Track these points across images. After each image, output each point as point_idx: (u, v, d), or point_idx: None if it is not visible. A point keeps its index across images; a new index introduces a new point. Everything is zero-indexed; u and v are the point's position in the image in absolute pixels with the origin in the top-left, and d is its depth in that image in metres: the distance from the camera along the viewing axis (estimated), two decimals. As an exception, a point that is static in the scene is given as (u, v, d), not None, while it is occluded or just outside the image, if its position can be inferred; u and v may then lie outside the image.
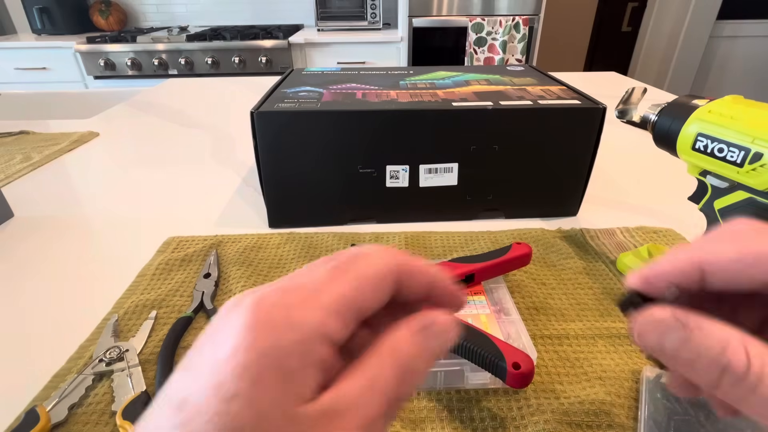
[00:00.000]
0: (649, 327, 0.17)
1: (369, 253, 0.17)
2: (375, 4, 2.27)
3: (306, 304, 0.14)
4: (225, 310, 0.15)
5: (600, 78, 1.33)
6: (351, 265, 0.16)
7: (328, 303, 0.15)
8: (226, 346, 0.13)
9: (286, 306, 0.14)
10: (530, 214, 0.60)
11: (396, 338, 0.16)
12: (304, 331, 0.14)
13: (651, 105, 0.41)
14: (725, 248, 0.18)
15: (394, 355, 0.16)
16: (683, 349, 0.16)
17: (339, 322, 0.15)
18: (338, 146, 0.53)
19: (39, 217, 0.61)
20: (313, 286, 0.15)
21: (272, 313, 0.14)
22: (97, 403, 0.34)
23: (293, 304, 0.14)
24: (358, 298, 0.16)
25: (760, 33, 2.84)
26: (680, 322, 0.16)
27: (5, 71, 2.18)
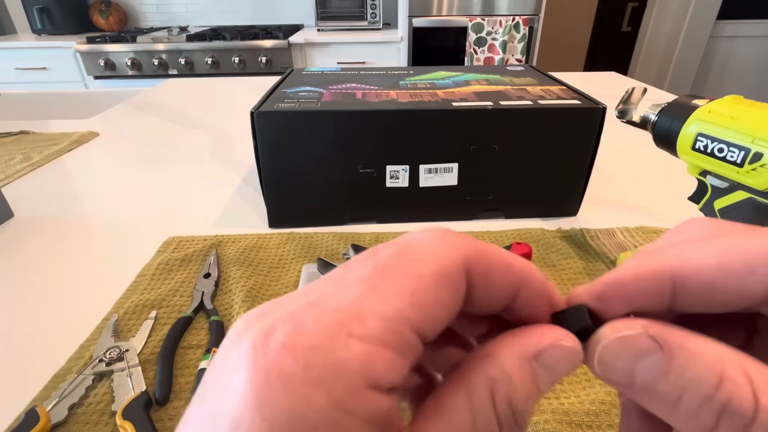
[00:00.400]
0: (615, 351, 0.12)
1: (422, 241, 0.12)
2: (375, 4, 2.27)
3: (336, 338, 0.10)
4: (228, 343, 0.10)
5: (600, 78, 1.33)
6: (399, 262, 0.11)
7: (371, 330, 0.10)
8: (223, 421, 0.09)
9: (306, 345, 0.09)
10: (530, 214, 0.60)
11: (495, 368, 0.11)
12: (339, 384, 0.09)
13: (651, 105, 0.41)
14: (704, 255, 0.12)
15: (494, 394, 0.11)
16: (662, 381, 0.11)
17: (392, 357, 0.10)
18: (338, 146, 0.53)
19: (39, 217, 0.61)
20: (345, 303, 0.10)
21: (283, 359, 0.09)
22: (97, 403, 0.34)
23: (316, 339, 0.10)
24: (417, 314, 0.11)
25: (760, 33, 2.84)
26: (656, 341, 0.11)
27: (5, 71, 2.18)
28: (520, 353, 0.12)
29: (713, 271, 0.12)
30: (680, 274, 0.12)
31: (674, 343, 0.11)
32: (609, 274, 0.13)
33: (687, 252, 0.12)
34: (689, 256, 0.12)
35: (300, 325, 0.10)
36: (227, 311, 0.43)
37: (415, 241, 0.12)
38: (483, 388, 0.11)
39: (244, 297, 0.44)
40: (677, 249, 0.13)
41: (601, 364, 0.12)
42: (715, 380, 0.10)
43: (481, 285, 0.12)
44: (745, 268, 0.12)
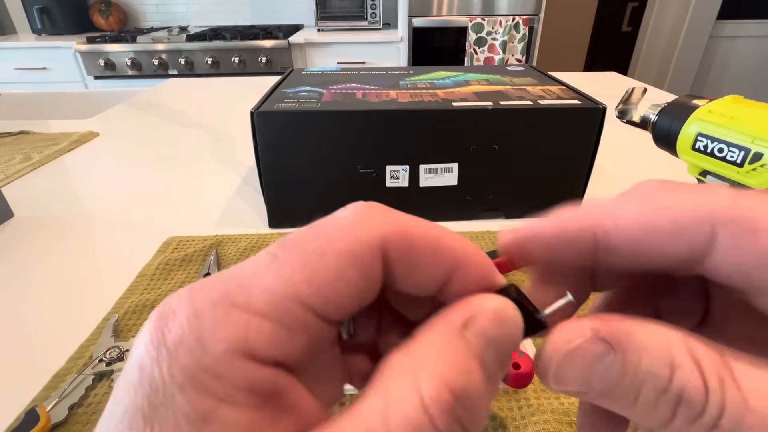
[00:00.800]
0: (568, 363, 0.11)
1: (339, 218, 0.12)
2: (375, 4, 2.27)
3: (218, 306, 0.10)
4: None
5: (600, 78, 1.33)
6: (308, 238, 0.11)
7: (254, 301, 0.10)
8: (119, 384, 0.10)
9: (189, 312, 0.10)
10: (530, 214, 0.60)
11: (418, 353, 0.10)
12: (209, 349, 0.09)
13: (651, 105, 0.41)
14: (630, 211, 0.12)
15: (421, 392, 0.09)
16: (619, 382, 0.10)
17: (273, 329, 0.10)
18: (338, 146, 0.53)
19: (39, 217, 0.61)
20: (241, 275, 0.10)
21: (168, 325, 0.10)
22: (97, 403, 0.34)
23: (199, 307, 0.10)
24: (312, 291, 0.10)
25: (760, 33, 2.84)
26: (608, 342, 0.11)
27: (5, 71, 2.18)
28: (445, 327, 0.11)
29: (638, 228, 0.12)
30: (602, 229, 0.12)
31: (624, 338, 0.11)
32: (532, 224, 0.13)
33: (614, 209, 0.12)
34: (615, 213, 0.12)
35: (191, 294, 0.10)
36: (227, 311, 0.43)
37: (332, 218, 0.12)
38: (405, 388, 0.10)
39: (244, 297, 0.44)
40: (606, 205, 0.13)
41: (557, 380, 0.11)
42: (668, 371, 0.10)
43: (403, 265, 0.12)
44: (671, 227, 0.11)
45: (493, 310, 0.11)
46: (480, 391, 0.10)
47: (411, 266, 0.12)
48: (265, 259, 0.11)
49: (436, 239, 0.12)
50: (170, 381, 0.09)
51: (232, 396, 0.09)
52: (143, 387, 0.09)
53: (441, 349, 0.10)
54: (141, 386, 0.09)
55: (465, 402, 0.10)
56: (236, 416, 0.09)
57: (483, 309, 0.11)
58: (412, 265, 0.12)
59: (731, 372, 0.10)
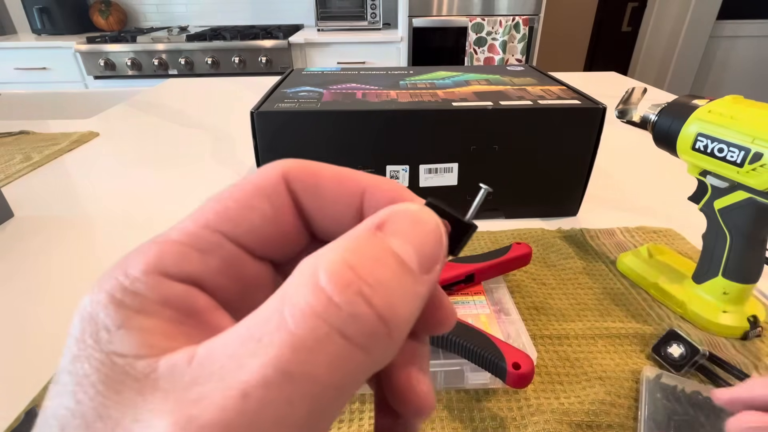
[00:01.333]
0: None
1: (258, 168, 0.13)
2: (375, 4, 2.27)
3: (141, 247, 0.11)
4: None
5: (600, 78, 1.33)
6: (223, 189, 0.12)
7: (170, 234, 0.11)
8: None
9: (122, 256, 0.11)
10: (530, 214, 0.60)
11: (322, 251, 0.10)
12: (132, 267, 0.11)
13: (651, 105, 0.41)
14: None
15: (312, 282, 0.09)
16: None
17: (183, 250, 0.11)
18: (338, 146, 0.53)
19: (39, 217, 0.61)
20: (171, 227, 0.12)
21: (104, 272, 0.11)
22: (97, 403, 0.34)
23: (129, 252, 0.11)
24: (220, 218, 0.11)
25: (760, 33, 2.84)
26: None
27: (5, 71, 2.18)
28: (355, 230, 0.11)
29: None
30: None
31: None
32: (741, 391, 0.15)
33: None
34: None
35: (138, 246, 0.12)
36: (227, 311, 0.43)
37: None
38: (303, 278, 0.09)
39: (244, 297, 0.44)
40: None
41: None
42: None
43: (311, 193, 0.12)
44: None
45: (406, 210, 0.11)
46: (398, 281, 0.10)
47: (319, 194, 0.13)
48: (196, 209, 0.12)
49: (339, 170, 0.13)
50: (95, 305, 0.10)
51: (147, 308, 0.10)
52: (75, 317, 0.10)
53: (348, 244, 0.10)
54: (77, 318, 0.10)
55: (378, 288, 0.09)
56: (150, 324, 0.10)
57: (396, 211, 0.11)
58: (320, 193, 0.13)
59: None
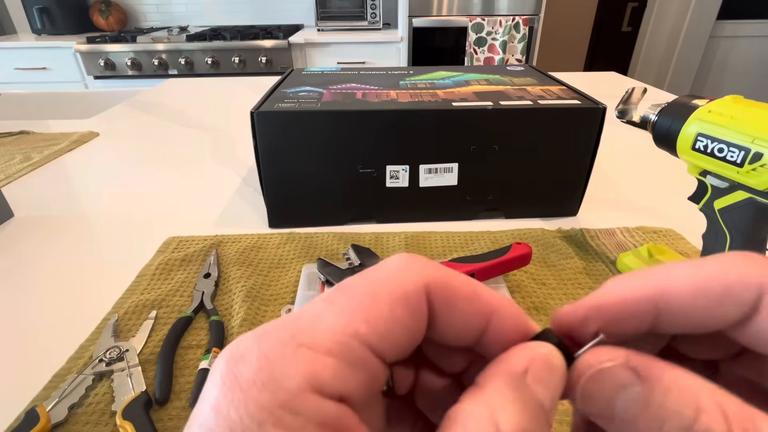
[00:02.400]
0: (597, 383, 0.12)
1: (387, 264, 0.13)
2: (375, 4, 2.27)
3: (287, 346, 0.11)
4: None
5: (600, 78, 1.33)
6: (360, 282, 0.12)
7: (319, 340, 0.11)
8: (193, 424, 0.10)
9: (260, 354, 0.10)
10: (530, 214, 0.60)
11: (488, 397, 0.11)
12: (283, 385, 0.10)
13: (651, 105, 0.41)
14: (685, 277, 0.12)
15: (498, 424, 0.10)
16: (642, 414, 0.11)
17: (338, 366, 0.11)
18: (338, 146, 0.53)
19: (39, 217, 0.61)
20: (304, 318, 0.11)
21: (239, 367, 0.10)
22: (97, 403, 0.34)
23: (269, 348, 0.11)
24: (370, 329, 0.11)
25: (760, 33, 2.84)
26: (637, 372, 0.11)
27: (5, 71, 2.18)
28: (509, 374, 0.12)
29: (692, 295, 0.12)
30: (662, 297, 0.12)
31: (653, 374, 0.11)
32: (592, 297, 0.13)
33: (669, 275, 0.13)
34: (671, 280, 0.13)
35: (261, 338, 0.11)
36: (227, 311, 0.43)
37: (381, 265, 0.13)
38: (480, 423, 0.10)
39: (244, 297, 0.44)
40: (659, 273, 0.13)
41: (583, 397, 0.12)
42: (692, 413, 0.10)
43: (445, 310, 0.13)
44: (723, 291, 0.12)
45: (545, 356, 0.12)
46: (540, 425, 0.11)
47: (452, 311, 0.13)
48: (323, 304, 0.12)
49: (473, 287, 0.13)
50: (249, 420, 0.09)
51: (306, 430, 0.10)
52: (220, 429, 0.10)
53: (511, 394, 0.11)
54: (218, 428, 0.10)
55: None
56: None
57: (538, 356, 0.12)
58: (452, 310, 0.13)
59: (755, 425, 0.10)
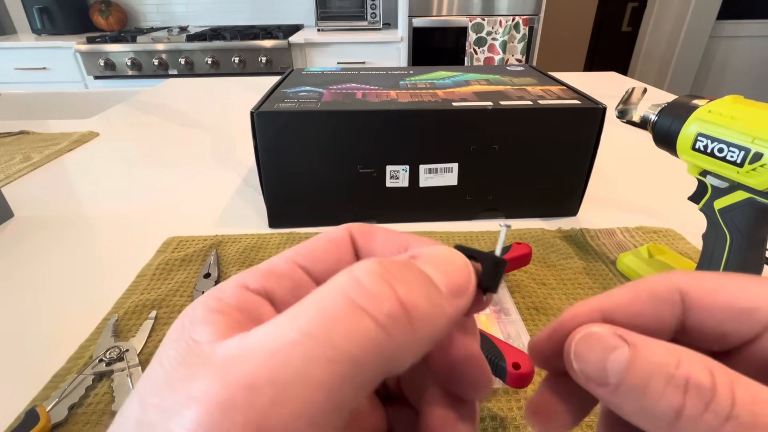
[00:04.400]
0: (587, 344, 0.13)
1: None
2: (375, 4, 2.27)
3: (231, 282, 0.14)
4: None
5: (600, 78, 1.33)
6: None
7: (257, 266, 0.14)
8: None
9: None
10: (530, 214, 0.60)
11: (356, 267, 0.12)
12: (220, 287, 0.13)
13: (651, 105, 0.41)
14: (621, 291, 0.14)
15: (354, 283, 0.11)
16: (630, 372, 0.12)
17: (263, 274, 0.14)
18: (338, 146, 0.53)
19: (39, 217, 0.61)
20: None
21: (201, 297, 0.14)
22: (97, 403, 0.34)
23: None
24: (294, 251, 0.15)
25: (760, 33, 2.84)
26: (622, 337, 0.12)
27: (5, 71, 2.18)
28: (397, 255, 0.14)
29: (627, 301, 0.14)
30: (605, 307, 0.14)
31: (638, 339, 0.12)
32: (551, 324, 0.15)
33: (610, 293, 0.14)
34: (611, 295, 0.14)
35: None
36: (227, 311, 0.43)
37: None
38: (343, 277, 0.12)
39: (244, 297, 0.44)
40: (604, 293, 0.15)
41: (577, 356, 0.13)
42: (675, 361, 0.11)
43: (365, 245, 0.15)
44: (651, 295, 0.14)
45: (438, 248, 0.14)
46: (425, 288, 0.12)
47: (371, 247, 0.15)
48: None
49: (389, 230, 0.16)
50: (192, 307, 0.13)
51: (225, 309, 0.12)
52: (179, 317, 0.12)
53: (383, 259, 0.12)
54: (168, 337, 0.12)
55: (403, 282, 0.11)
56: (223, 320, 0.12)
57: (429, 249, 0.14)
58: (372, 246, 0.15)
59: (739, 379, 0.11)
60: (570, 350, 0.13)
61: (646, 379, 0.11)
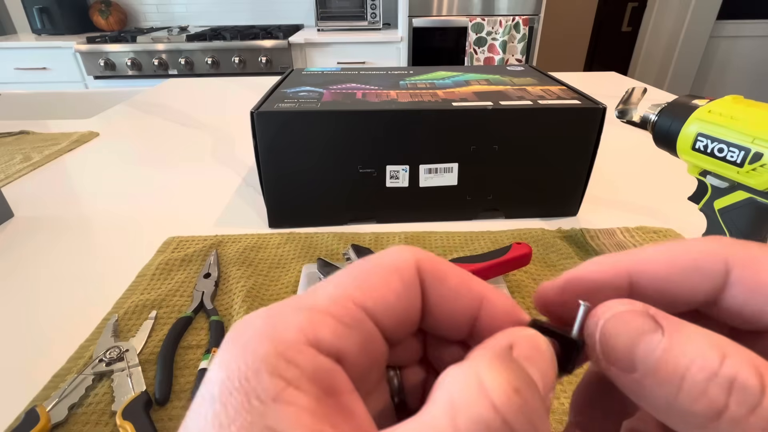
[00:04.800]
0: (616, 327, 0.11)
1: (385, 251, 0.13)
2: (375, 4, 2.27)
3: (289, 309, 0.11)
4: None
5: (600, 78, 1.33)
6: (358, 263, 0.13)
7: (318, 302, 0.12)
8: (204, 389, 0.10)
9: (265, 316, 0.11)
10: (530, 214, 0.60)
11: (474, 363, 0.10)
12: (282, 337, 0.10)
13: (651, 105, 0.41)
14: (657, 254, 0.13)
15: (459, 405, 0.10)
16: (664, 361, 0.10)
17: (334, 323, 0.11)
18: (338, 146, 0.53)
19: (39, 217, 0.61)
20: (305, 295, 0.12)
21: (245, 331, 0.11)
22: (97, 403, 0.34)
23: (275, 312, 0.11)
24: (363, 294, 0.12)
25: (760, 33, 2.84)
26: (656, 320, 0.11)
27: (5, 71, 2.18)
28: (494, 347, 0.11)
29: (665, 268, 0.13)
30: (636, 270, 0.13)
31: (672, 323, 0.11)
32: (569, 272, 0.14)
33: (642, 253, 0.13)
34: (644, 257, 0.13)
35: (266, 309, 0.12)
36: (227, 311, 0.43)
37: (379, 252, 0.14)
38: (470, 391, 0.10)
39: (244, 297, 0.44)
40: (633, 252, 0.14)
41: (602, 341, 0.12)
42: (718, 356, 0.10)
43: (436, 289, 0.13)
44: (693, 263, 0.12)
45: (531, 335, 0.12)
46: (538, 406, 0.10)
47: (442, 291, 0.13)
48: (321, 283, 0.13)
49: (462, 273, 0.14)
50: (245, 367, 0.10)
51: (299, 381, 0.10)
52: (220, 375, 0.10)
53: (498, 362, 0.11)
54: (218, 374, 0.10)
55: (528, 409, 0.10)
56: (303, 401, 0.10)
57: (523, 335, 0.12)
58: (443, 291, 0.13)
59: None
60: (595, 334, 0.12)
61: (682, 373, 0.10)
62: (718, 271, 0.12)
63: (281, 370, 0.10)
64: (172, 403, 0.34)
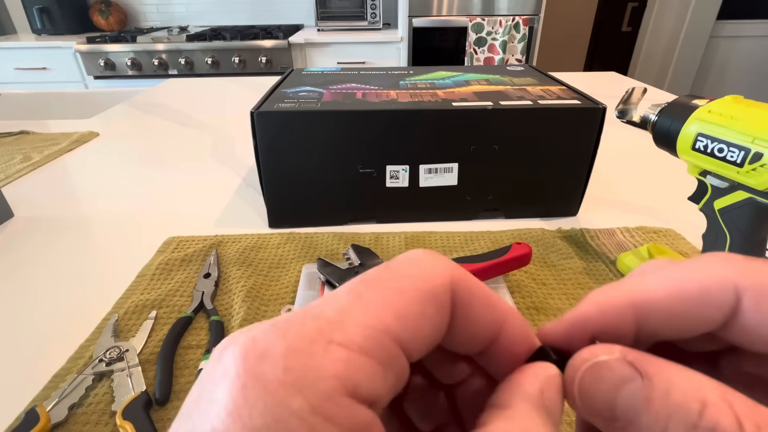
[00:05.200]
0: (595, 377, 0.11)
1: (412, 258, 0.12)
2: (375, 4, 2.27)
3: (316, 343, 0.10)
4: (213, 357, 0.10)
5: (600, 78, 1.33)
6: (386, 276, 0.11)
7: (352, 337, 0.10)
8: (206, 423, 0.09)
9: (285, 350, 0.09)
10: (530, 214, 0.60)
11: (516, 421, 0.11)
12: (316, 388, 0.09)
13: (651, 105, 0.41)
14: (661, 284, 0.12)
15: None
16: (645, 410, 0.10)
17: (373, 366, 0.10)
18: (338, 146, 0.53)
19: (39, 217, 0.61)
20: (329, 312, 0.10)
21: (262, 365, 0.09)
22: (97, 403, 0.34)
23: (295, 345, 0.10)
24: (400, 326, 0.11)
25: (760, 33, 2.84)
26: (635, 367, 0.11)
27: (5, 71, 2.18)
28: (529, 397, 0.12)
29: (672, 298, 0.12)
30: (641, 304, 0.12)
31: (652, 369, 0.11)
32: (572, 312, 0.13)
33: (646, 282, 0.13)
34: (648, 286, 0.12)
35: (282, 332, 0.10)
36: (227, 311, 0.43)
37: (404, 257, 0.12)
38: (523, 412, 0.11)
39: (244, 297, 0.44)
40: (636, 280, 0.13)
41: (581, 393, 0.12)
42: (698, 406, 0.10)
43: (463, 311, 0.12)
44: (700, 294, 0.12)
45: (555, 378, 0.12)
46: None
47: (470, 314, 0.12)
48: (348, 297, 0.11)
49: (489, 292, 0.13)
50: (276, 427, 0.08)
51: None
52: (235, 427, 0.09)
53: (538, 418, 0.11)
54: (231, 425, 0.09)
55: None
56: None
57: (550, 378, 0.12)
58: (470, 313, 0.12)
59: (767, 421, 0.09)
60: (574, 385, 0.12)
61: (664, 424, 0.10)
62: (727, 301, 0.12)
63: (317, 426, 0.09)
64: (172, 403, 0.34)
